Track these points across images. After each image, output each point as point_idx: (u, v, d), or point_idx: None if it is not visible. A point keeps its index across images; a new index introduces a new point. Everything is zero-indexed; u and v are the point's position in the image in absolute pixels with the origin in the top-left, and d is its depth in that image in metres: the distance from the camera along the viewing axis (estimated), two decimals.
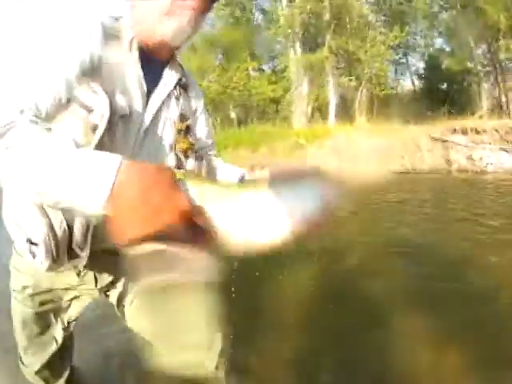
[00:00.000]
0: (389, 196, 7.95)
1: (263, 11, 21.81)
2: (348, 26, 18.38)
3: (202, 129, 1.22)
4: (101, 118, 0.87)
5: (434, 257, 4.00)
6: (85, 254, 1.00)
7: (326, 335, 2.49)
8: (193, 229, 0.62)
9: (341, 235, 4.78)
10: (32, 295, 1.19)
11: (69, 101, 0.86)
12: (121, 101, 0.94)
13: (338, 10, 18.02)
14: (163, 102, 1.06)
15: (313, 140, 13.51)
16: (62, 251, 0.98)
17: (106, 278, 1.20)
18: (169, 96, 1.08)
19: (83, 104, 0.87)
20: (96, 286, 1.20)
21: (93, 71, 0.89)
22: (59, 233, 0.95)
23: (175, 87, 1.09)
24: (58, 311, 1.26)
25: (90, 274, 1.17)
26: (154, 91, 1.03)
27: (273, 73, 20.77)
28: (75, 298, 1.25)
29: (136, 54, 0.98)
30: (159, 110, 1.05)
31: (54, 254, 0.96)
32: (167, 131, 1.06)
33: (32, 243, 0.97)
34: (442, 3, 19.49)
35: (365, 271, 3.65)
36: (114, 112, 0.90)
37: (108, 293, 1.25)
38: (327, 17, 18.27)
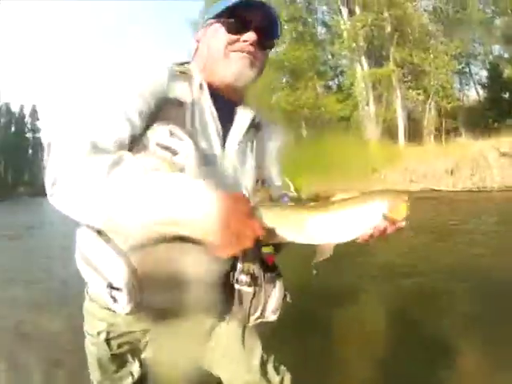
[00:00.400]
0: (459, 216, 8.10)
1: (326, 25, 22.01)
2: (410, 36, 18.59)
3: (275, 168, 1.19)
4: (186, 158, 0.92)
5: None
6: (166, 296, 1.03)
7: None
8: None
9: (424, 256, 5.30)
10: (108, 339, 1.15)
11: (135, 139, 0.91)
12: (200, 141, 0.98)
13: (399, 21, 18.26)
14: (239, 145, 1.07)
15: (384, 163, 13.78)
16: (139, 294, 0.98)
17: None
18: (244, 138, 1.08)
19: (165, 146, 0.92)
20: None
21: (163, 113, 0.95)
22: (128, 278, 0.95)
23: (249, 129, 1.09)
24: (135, 351, 1.23)
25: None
26: (229, 132, 1.06)
27: (339, 90, 20.86)
28: (153, 338, 1.23)
29: (207, 94, 1.02)
30: (237, 152, 1.06)
31: (138, 297, 0.96)
32: (245, 174, 1.08)
33: (113, 288, 0.95)
34: (493, 8, 19.36)
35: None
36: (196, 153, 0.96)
37: None
38: (389, 29, 18.55)
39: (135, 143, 0.92)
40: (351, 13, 19.56)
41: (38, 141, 63.96)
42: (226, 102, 1.06)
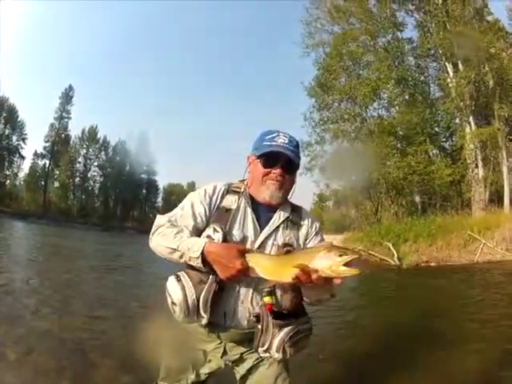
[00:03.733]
0: None
1: (440, 85, 21.18)
2: None
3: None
4: (219, 237, 1.60)
5: None
6: (206, 317, 1.56)
7: None
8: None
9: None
10: None
11: (197, 230, 1.68)
12: (236, 233, 1.67)
13: (499, 74, 17.84)
14: (271, 233, 1.71)
15: (486, 231, 13.95)
16: (192, 311, 1.55)
17: (234, 354, 1.73)
18: (277, 228, 1.73)
19: (208, 235, 1.62)
20: (221, 357, 1.74)
21: (216, 216, 1.70)
22: (189, 299, 1.54)
23: (283, 222, 1.73)
24: (195, 365, 1.76)
25: (222, 347, 1.73)
26: (265, 227, 1.71)
27: (447, 155, 20.32)
28: (209, 361, 1.76)
29: (249, 203, 1.73)
30: (267, 238, 1.70)
31: (186, 312, 1.55)
32: (272, 251, 1.68)
33: (173, 303, 1.58)
34: None
35: None
36: (228, 240, 1.62)
37: (236, 367, 1.76)
38: (491, 83, 18.16)
39: (195, 233, 1.66)
40: (455, 68, 19.22)
41: (153, 183, 67.03)
42: (264, 209, 1.73)
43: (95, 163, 60.57)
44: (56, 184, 58.75)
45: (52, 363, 3.36)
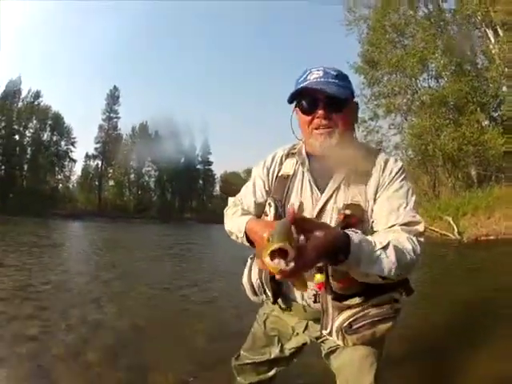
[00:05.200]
0: None
1: (484, 53, 20.24)
2: None
3: (381, 206, 1.36)
4: (272, 218, 1.45)
5: None
6: (270, 295, 1.51)
7: None
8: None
9: None
10: (265, 321, 1.73)
11: (259, 206, 1.60)
12: (293, 201, 1.48)
13: None
14: (331, 194, 1.42)
15: None
16: (258, 291, 1.56)
17: (316, 331, 1.53)
18: (339, 186, 1.42)
19: (265, 212, 1.52)
20: (303, 332, 1.61)
21: (275, 187, 1.57)
22: (253, 280, 1.56)
23: (347, 180, 1.42)
24: (280, 338, 1.69)
25: (304, 323, 1.60)
26: (325, 189, 1.44)
27: (499, 124, 18.99)
28: (296, 334, 1.66)
29: (305, 163, 1.51)
30: (327, 202, 1.42)
31: (252, 292, 1.59)
32: (333, 217, 1.40)
33: (242, 283, 1.63)
34: None
35: None
36: (283, 213, 1.46)
37: (321, 343, 1.58)
38: None
39: (260, 208, 1.59)
40: (496, 34, 18.40)
41: (209, 172, 68.75)
42: (324, 166, 1.44)
43: (149, 158, 62.33)
44: (111, 182, 61.14)
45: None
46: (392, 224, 1.29)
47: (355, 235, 1.11)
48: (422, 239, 1.27)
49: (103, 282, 6.38)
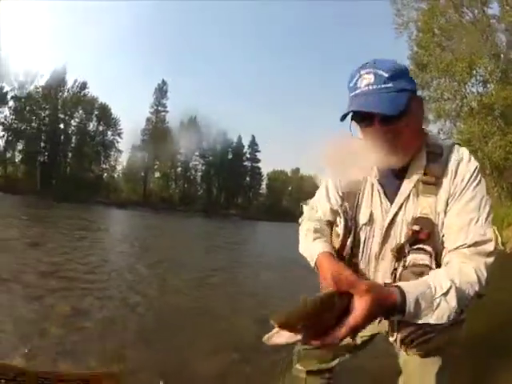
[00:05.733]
0: None
1: None
2: None
3: (451, 221, 1.24)
4: (342, 229, 1.40)
5: None
6: None
7: None
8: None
9: None
10: None
11: (334, 212, 1.48)
12: (364, 212, 1.39)
13: None
14: (401, 206, 1.31)
15: None
16: None
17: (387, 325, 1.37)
18: (408, 197, 1.30)
19: (337, 225, 1.44)
20: (378, 323, 1.37)
21: (347, 193, 1.45)
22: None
23: (415, 186, 1.29)
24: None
25: None
26: (394, 199, 1.32)
27: None
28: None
29: (376, 179, 1.37)
30: (396, 214, 1.32)
31: None
32: (403, 230, 1.29)
33: None
34: None
35: None
36: (354, 224, 1.40)
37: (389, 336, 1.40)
38: None
39: (335, 215, 1.49)
40: None
41: (256, 170, 69.37)
42: (394, 174, 1.32)
43: (196, 153, 63.40)
44: (157, 174, 62.36)
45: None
46: (460, 244, 1.20)
47: (412, 289, 1.03)
48: (491, 259, 1.19)
49: (144, 266, 6.56)
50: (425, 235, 1.23)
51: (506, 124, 19.21)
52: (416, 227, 1.23)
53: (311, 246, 1.43)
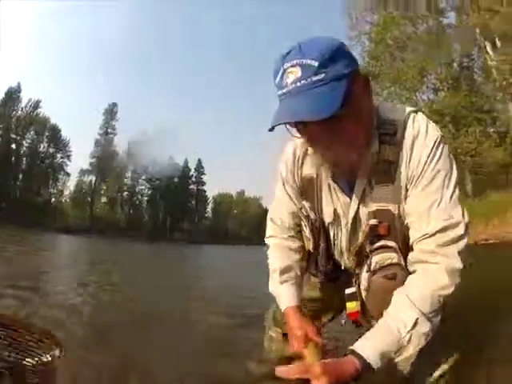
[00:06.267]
0: None
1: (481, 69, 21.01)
2: None
3: (410, 208, 1.16)
4: (309, 233, 1.39)
5: None
6: (322, 278, 1.52)
7: None
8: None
9: None
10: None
11: (296, 217, 1.45)
12: (327, 213, 1.33)
13: None
14: (360, 201, 1.24)
15: None
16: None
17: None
18: (364, 190, 1.22)
19: (302, 228, 1.44)
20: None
21: (303, 189, 1.37)
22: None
23: (369, 182, 1.21)
24: (318, 314, 1.69)
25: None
26: (352, 197, 1.25)
27: (498, 135, 19.85)
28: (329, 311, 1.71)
29: (329, 178, 1.27)
30: (359, 209, 1.25)
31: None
32: (364, 223, 1.26)
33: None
34: None
35: None
36: (320, 221, 1.36)
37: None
38: None
39: (297, 217, 1.45)
40: (494, 46, 18.79)
41: (202, 193, 69.99)
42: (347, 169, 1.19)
43: (143, 177, 63.23)
44: (103, 199, 60.99)
45: None
46: (422, 235, 1.11)
47: (371, 346, 1.00)
48: (463, 242, 1.10)
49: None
50: (384, 229, 1.19)
51: (457, 130, 19.83)
52: (373, 221, 1.20)
53: (279, 291, 1.43)
